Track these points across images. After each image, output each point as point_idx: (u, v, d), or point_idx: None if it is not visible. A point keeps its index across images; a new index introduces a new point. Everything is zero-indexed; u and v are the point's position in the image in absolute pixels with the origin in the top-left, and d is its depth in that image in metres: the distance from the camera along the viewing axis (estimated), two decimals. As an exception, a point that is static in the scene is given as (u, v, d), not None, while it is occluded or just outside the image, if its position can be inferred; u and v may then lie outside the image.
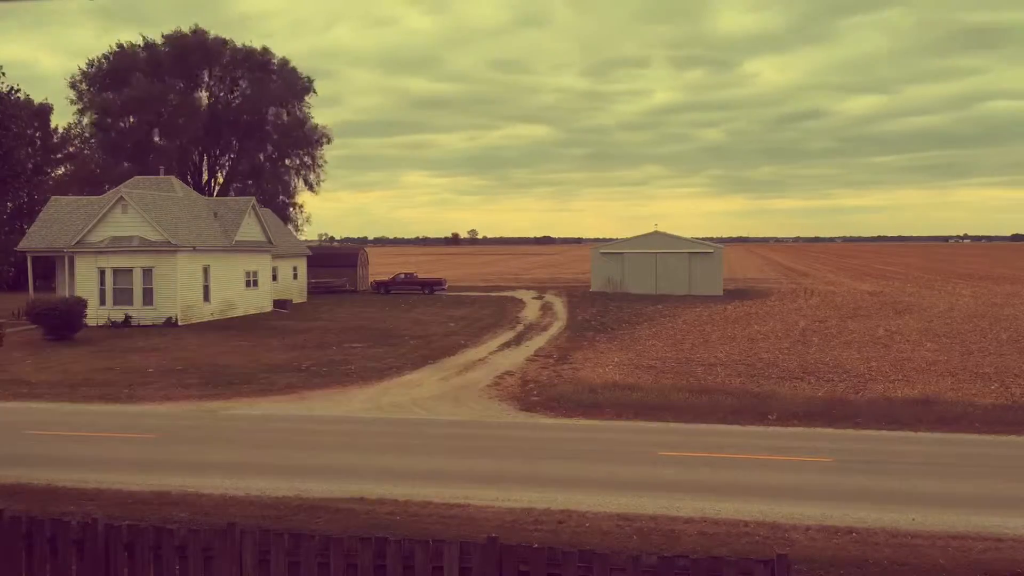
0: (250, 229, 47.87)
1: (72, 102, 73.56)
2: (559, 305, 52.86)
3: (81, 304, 36.58)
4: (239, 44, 76.13)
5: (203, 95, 76.55)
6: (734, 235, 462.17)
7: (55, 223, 46.25)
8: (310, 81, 78.78)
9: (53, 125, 74.54)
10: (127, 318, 39.99)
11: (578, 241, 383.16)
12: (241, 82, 76.42)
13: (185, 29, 74.45)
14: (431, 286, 65.08)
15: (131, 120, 72.03)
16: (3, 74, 46.20)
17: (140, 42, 75.16)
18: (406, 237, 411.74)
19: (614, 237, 72.21)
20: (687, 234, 66.03)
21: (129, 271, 40.59)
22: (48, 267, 49.33)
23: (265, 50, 76.84)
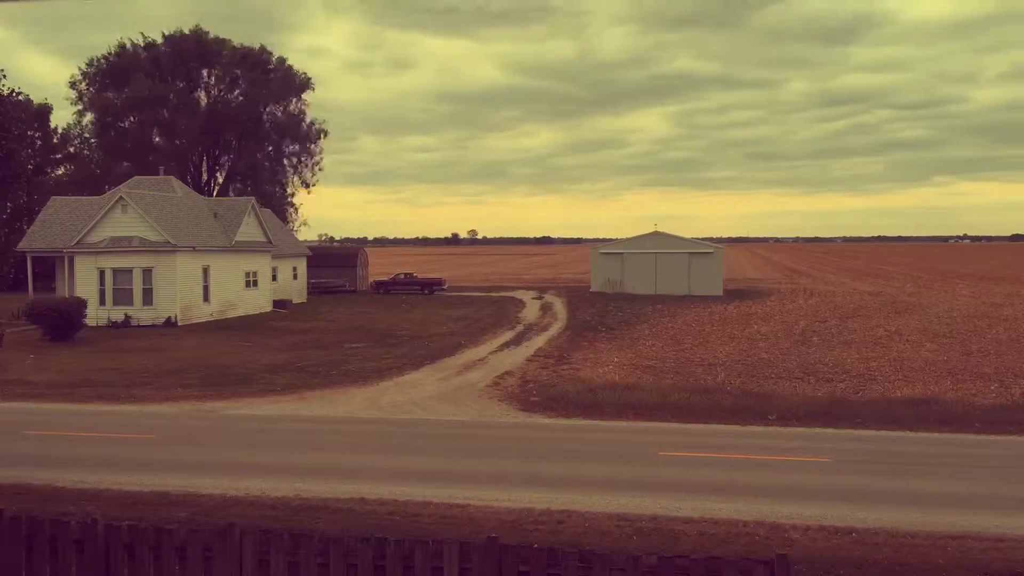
0: (250, 229, 47.87)
1: (72, 102, 73.66)
2: (559, 305, 52.86)
3: (81, 304, 36.57)
4: (237, 44, 76.34)
5: (202, 95, 76.67)
6: (734, 235, 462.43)
7: (55, 223, 46.27)
8: (307, 78, 78.98)
9: (53, 125, 74.61)
10: (127, 318, 39.99)
11: (578, 241, 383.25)
12: (240, 82, 76.50)
13: (186, 29, 74.67)
14: (431, 286, 65.09)
15: (131, 120, 72.08)
16: (4, 76, 46.08)
17: (141, 41, 75.27)
18: (406, 237, 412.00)
19: (614, 237, 72.23)
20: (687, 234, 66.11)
21: (129, 271, 40.58)
22: (48, 267, 49.33)
23: (263, 49, 77.06)
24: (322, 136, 79.77)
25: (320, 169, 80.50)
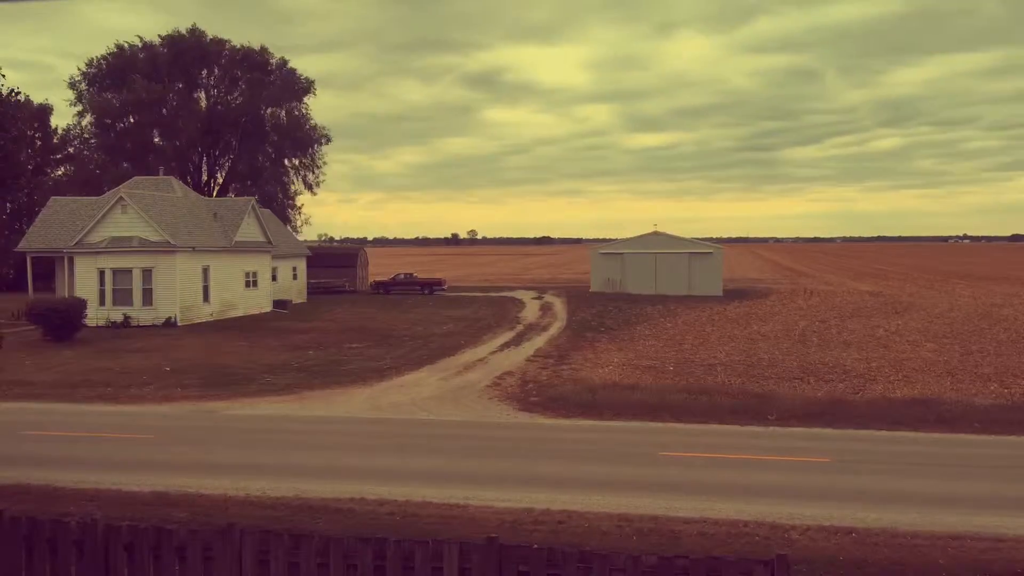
0: (250, 229, 47.85)
1: (71, 104, 73.61)
2: (559, 305, 52.85)
3: (81, 304, 36.57)
4: (237, 44, 76.22)
5: (202, 95, 76.57)
6: (734, 235, 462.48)
7: (55, 224, 46.28)
8: (309, 82, 78.78)
9: (53, 125, 74.56)
10: (126, 318, 39.98)
11: (578, 241, 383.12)
12: (240, 82, 76.37)
13: (183, 30, 74.60)
14: (431, 286, 65.08)
15: (131, 120, 72.01)
16: (3, 76, 46.10)
17: (139, 43, 75.18)
18: (406, 237, 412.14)
19: (614, 237, 72.23)
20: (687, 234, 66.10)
21: (128, 271, 40.57)
22: (48, 267, 49.34)
23: (264, 50, 76.84)
24: (325, 142, 79.76)
25: (323, 172, 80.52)
